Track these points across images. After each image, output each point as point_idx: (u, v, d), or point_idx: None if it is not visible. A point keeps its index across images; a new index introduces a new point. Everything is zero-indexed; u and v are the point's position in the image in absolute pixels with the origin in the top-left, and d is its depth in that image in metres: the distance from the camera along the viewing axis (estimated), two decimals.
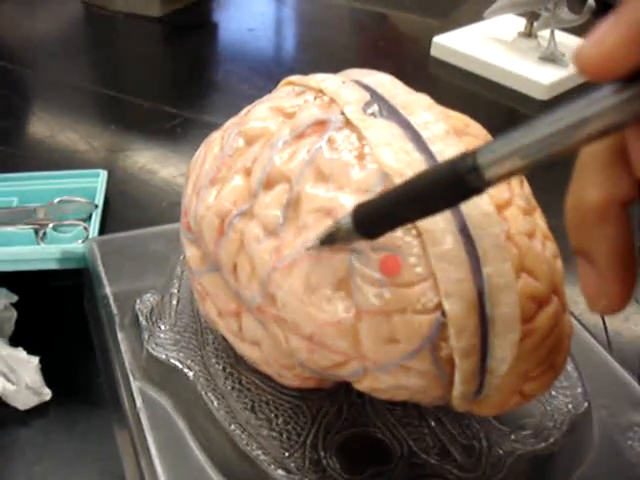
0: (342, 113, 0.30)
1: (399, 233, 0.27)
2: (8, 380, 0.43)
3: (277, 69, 0.86)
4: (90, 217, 0.54)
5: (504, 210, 0.28)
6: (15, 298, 0.47)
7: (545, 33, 0.84)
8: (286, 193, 0.29)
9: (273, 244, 0.29)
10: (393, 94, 0.31)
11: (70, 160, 0.65)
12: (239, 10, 0.99)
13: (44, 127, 0.71)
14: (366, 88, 0.31)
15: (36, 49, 0.86)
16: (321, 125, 0.30)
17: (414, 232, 0.27)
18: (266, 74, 0.83)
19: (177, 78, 0.82)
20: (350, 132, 0.29)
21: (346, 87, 0.31)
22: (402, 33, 1.00)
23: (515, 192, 0.30)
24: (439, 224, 0.26)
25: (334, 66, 0.84)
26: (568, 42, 0.85)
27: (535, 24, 0.85)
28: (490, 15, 0.86)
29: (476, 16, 0.89)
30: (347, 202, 0.27)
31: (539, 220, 0.31)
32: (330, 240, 0.27)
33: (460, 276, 0.26)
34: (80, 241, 0.51)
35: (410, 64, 0.89)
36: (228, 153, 0.32)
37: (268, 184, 0.30)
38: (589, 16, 0.79)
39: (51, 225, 0.53)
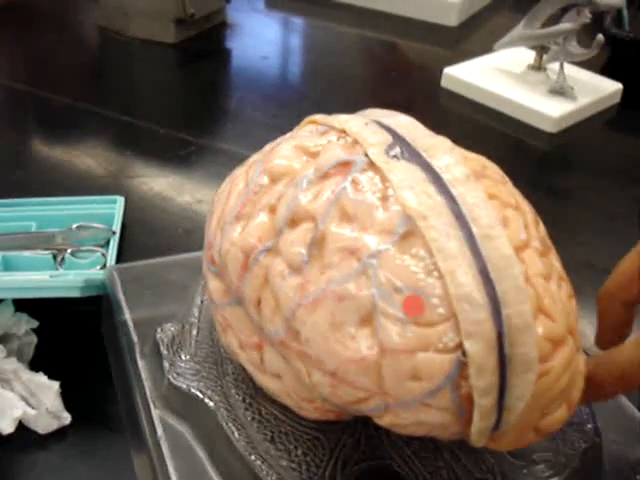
0: (366, 155, 0.31)
1: (421, 275, 0.27)
2: (29, 404, 0.43)
3: (290, 97, 0.87)
4: (108, 243, 0.55)
5: (522, 252, 0.29)
6: (36, 324, 0.48)
7: (554, 66, 0.85)
8: (311, 232, 0.30)
9: (298, 281, 0.30)
10: (414, 136, 0.32)
11: (86, 185, 0.66)
12: (253, 38, 1.00)
13: (61, 152, 0.72)
14: (388, 130, 0.32)
15: (53, 73, 0.87)
16: (345, 166, 0.31)
17: (436, 274, 0.27)
18: (279, 102, 0.85)
19: (191, 105, 0.83)
20: (374, 174, 0.30)
21: (369, 128, 0.32)
22: (412, 62, 1.01)
23: (532, 234, 0.31)
24: (461, 266, 0.27)
25: (346, 95, 0.86)
26: (577, 75, 0.86)
27: (545, 57, 0.86)
28: (500, 47, 0.87)
29: (486, 47, 0.90)
30: (371, 242, 0.28)
31: (554, 261, 0.32)
32: None
33: (480, 317, 0.27)
34: (99, 267, 0.52)
35: (420, 95, 0.90)
36: (253, 190, 0.33)
37: (293, 222, 0.31)
38: (598, 50, 0.80)
39: (69, 250, 0.54)
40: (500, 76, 0.87)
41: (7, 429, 0.42)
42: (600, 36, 0.79)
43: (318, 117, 0.35)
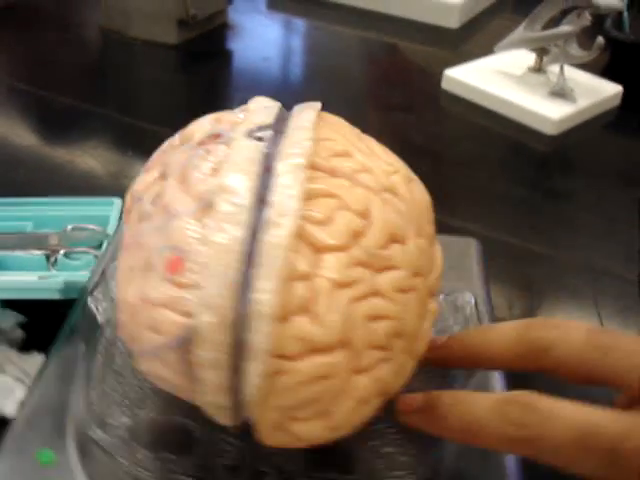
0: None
1: (194, 241, 0.29)
2: (24, 384, 0.44)
3: (291, 98, 0.87)
4: (101, 245, 0.55)
5: (323, 253, 0.29)
6: (21, 317, 0.49)
7: (555, 68, 0.85)
8: (160, 186, 0.32)
9: None
10: (297, 126, 0.32)
11: (88, 186, 0.67)
12: (254, 39, 1.01)
13: (62, 152, 0.72)
14: (281, 118, 0.33)
15: (55, 73, 0.88)
16: (215, 137, 0.32)
17: (207, 245, 0.29)
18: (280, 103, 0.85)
19: (193, 105, 0.83)
20: (225, 148, 0.31)
21: (264, 112, 0.33)
22: (413, 64, 1.01)
23: (360, 242, 0.30)
24: (229, 243, 0.28)
25: (347, 96, 0.86)
26: (578, 77, 0.86)
27: (545, 59, 0.86)
28: (501, 49, 0.88)
29: (486, 49, 0.90)
30: (180, 204, 0.30)
31: (377, 278, 0.30)
32: None
33: (223, 293, 0.28)
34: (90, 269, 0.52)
35: (421, 96, 0.90)
36: (163, 148, 0.36)
37: (161, 177, 0.33)
38: (598, 52, 0.80)
39: (62, 252, 0.54)
40: (500, 78, 0.87)
41: (11, 412, 0.42)
42: (600, 38, 0.79)
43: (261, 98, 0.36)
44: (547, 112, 0.80)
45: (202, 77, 0.90)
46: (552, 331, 0.31)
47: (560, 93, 0.83)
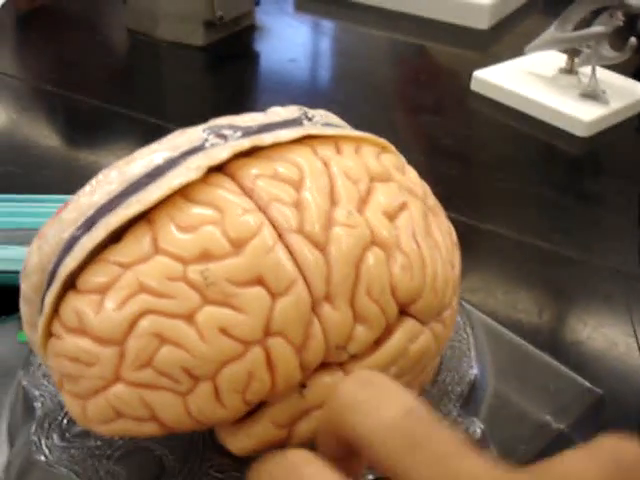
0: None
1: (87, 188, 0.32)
2: None
3: (318, 100, 0.87)
4: None
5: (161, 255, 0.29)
6: None
7: (586, 69, 0.84)
8: None
9: None
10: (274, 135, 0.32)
11: None
12: (281, 40, 1.00)
13: (89, 153, 0.72)
14: (260, 125, 0.32)
15: (82, 75, 0.88)
16: None
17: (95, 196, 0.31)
18: (307, 105, 0.84)
19: (219, 107, 0.83)
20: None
21: (249, 120, 0.33)
22: (441, 66, 1.00)
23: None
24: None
25: (374, 98, 0.86)
26: (609, 79, 0.85)
27: (576, 60, 0.85)
28: (531, 50, 0.86)
29: (516, 50, 0.89)
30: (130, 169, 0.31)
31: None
32: None
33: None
34: None
35: (450, 98, 0.89)
36: None
37: None
38: (631, 54, 0.79)
39: None
40: (531, 79, 0.86)
41: None
42: (633, 39, 0.78)
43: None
44: (578, 114, 0.79)
45: (229, 78, 0.90)
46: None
47: (592, 95, 0.82)
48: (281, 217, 0.29)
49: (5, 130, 0.79)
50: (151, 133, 0.76)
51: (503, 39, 1.04)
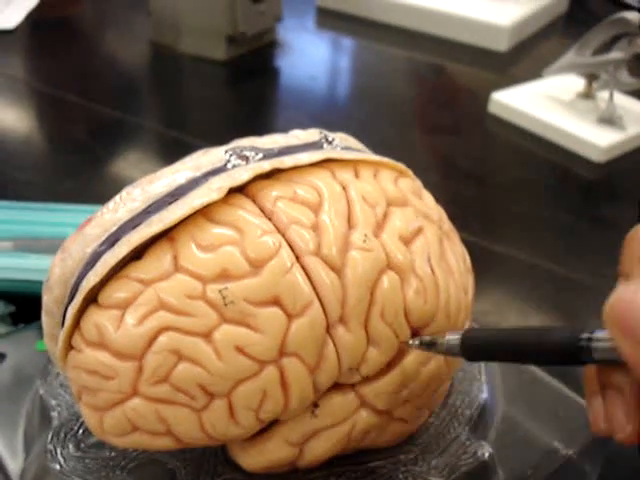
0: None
1: (111, 205, 0.31)
2: None
3: (337, 118, 0.88)
4: None
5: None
6: (12, 308, 0.50)
7: (604, 94, 0.84)
8: None
9: None
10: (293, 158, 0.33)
11: None
12: (302, 57, 1.01)
13: (108, 164, 0.73)
14: (278, 150, 0.33)
15: (104, 86, 0.89)
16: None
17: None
18: (326, 122, 0.84)
19: (239, 122, 0.83)
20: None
21: (271, 141, 0.34)
22: (460, 86, 1.01)
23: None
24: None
25: (393, 117, 0.86)
26: (627, 105, 0.85)
27: (594, 85, 0.85)
28: (550, 74, 0.87)
29: (535, 73, 0.90)
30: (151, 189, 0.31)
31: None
32: (430, 346, 0.31)
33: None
34: None
35: (467, 119, 0.90)
36: None
37: None
38: None
39: None
40: (548, 103, 0.86)
41: None
42: None
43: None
44: (595, 139, 0.79)
45: (249, 94, 0.91)
46: None
47: (609, 120, 0.82)
48: (299, 239, 0.30)
49: (26, 139, 0.80)
50: (170, 146, 0.77)
51: (522, 61, 1.05)
